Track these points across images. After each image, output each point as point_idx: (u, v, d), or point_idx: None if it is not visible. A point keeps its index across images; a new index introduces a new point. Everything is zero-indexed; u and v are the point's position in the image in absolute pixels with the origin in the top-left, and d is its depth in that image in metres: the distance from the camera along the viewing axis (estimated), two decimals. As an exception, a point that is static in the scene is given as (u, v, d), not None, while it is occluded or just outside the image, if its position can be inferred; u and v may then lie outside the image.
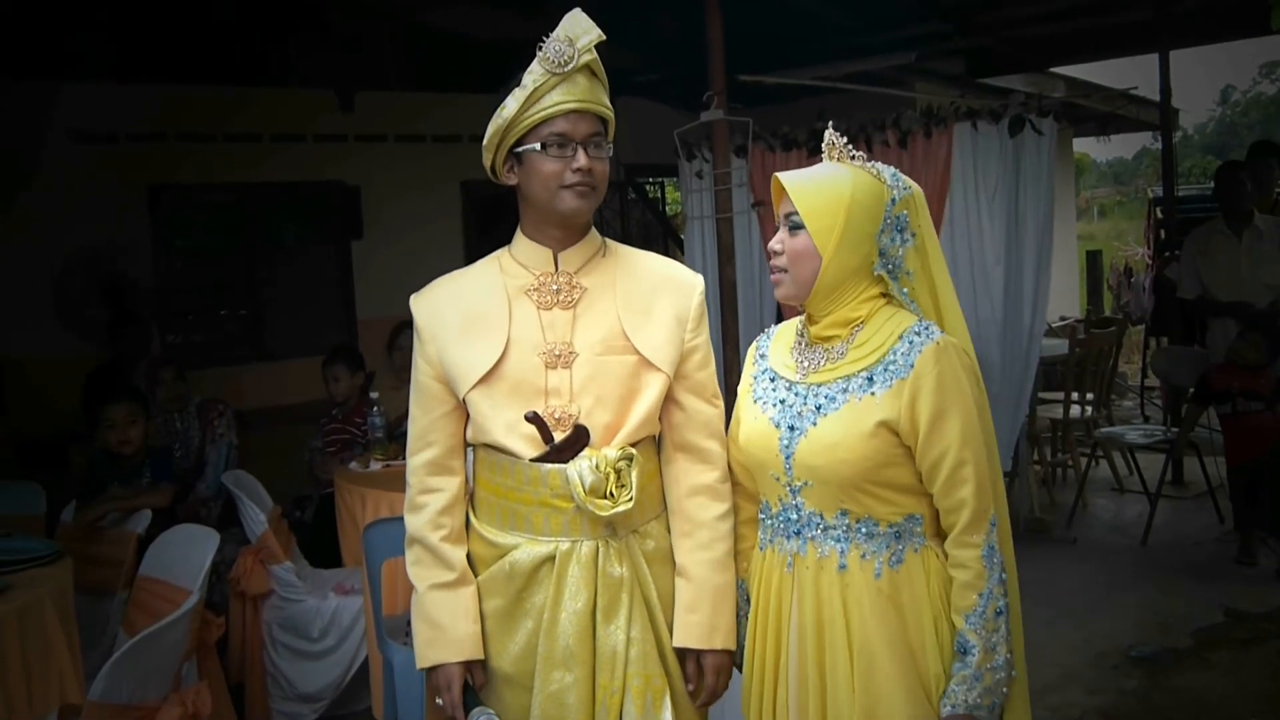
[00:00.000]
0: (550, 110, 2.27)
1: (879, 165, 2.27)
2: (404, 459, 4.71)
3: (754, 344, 2.45)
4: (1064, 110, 6.92)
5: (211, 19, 6.70)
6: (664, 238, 10.65)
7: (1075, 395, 7.45)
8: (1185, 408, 6.83)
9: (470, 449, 2.49)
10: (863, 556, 2.18)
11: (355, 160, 8.45)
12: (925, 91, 7.55)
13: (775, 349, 2.38)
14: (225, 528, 4.56)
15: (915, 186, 2.28)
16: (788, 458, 2.21)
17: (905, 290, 2.25)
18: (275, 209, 8.38)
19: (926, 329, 2.18)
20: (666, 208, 11.64)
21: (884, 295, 2.25)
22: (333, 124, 8.34)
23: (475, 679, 2.37)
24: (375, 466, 4.75)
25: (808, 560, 2.22)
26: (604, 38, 2.30)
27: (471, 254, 8.91)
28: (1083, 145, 21.08)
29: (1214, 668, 4.70)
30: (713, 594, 2.38)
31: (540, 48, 2.27)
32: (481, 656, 2.36)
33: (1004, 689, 2.14)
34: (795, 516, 2.24)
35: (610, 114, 2.36)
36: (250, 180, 8.07)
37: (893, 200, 2.22)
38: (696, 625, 2.36)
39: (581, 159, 2.28)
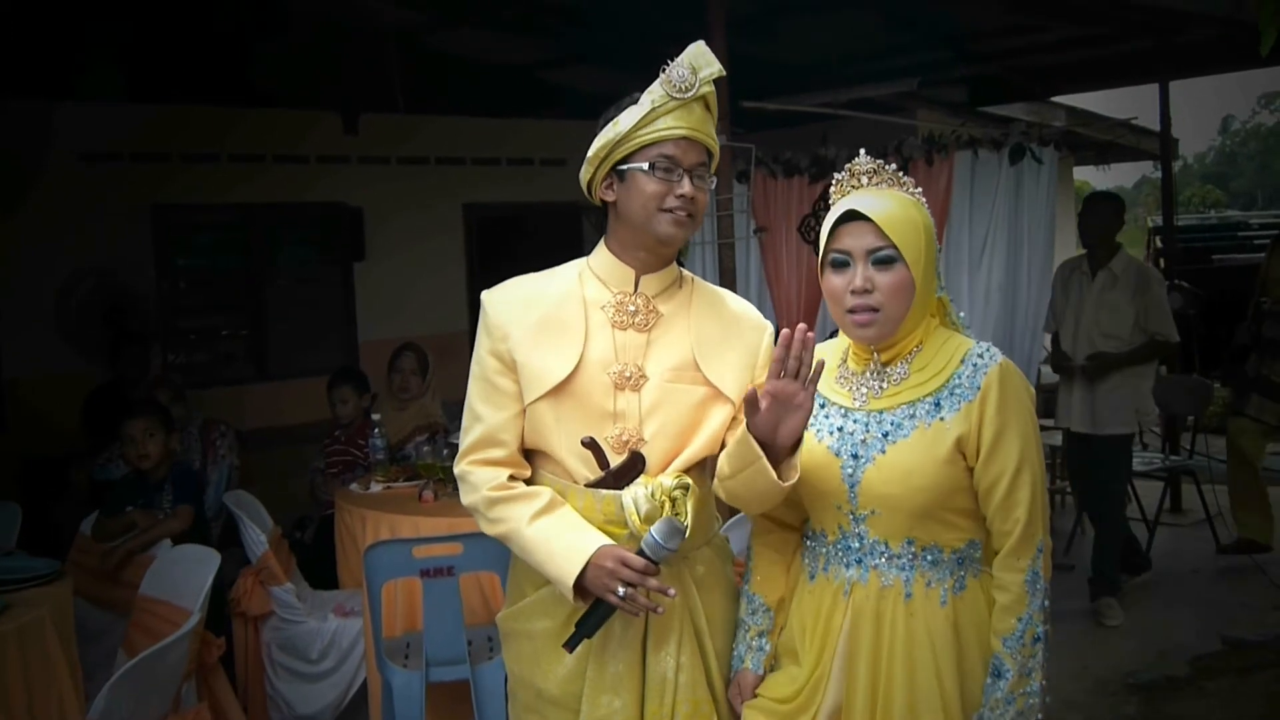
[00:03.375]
0: (664, 133, 2.25)
1: (906, 179, 2.26)
2: (404, 481, 4.77)
3: None
4: (1064, 139, 6.93)
5: (215, 40, 6.73)
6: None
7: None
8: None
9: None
10: (928, 584, 2.18)
11: (358, 181, 8.48)
12: (927, 119, 7.58)
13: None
14: (226, 548, 4.54)
15: None
16: (852, 486, 2.19)
17: (955, 305, 2.27)
18: (278, 229, 8.41)
19: (989, 350, 2.19)
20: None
21: (932, 316, 2.26)
22: (336, 145, 8.38)
23: None
24: (376, 488, 4.74)
25: (869, 589, 2.20)
26: (724, 73, 2.29)
27: (474, 276, 8.98)
28: (1083, 174, 21.13)
29: (1211, 696, 4.68)
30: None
31: (664, 69, 2.25)
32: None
33: (1037, 715, 2.14)
34: (858, 545, 2.22)
35: (716, 148, 2.35)
36: (253, 200, 8.09)
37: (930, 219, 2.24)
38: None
39: (686, 186, 2.26)
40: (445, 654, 3.85)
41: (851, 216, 2.17)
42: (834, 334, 2.45)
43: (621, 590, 2.12)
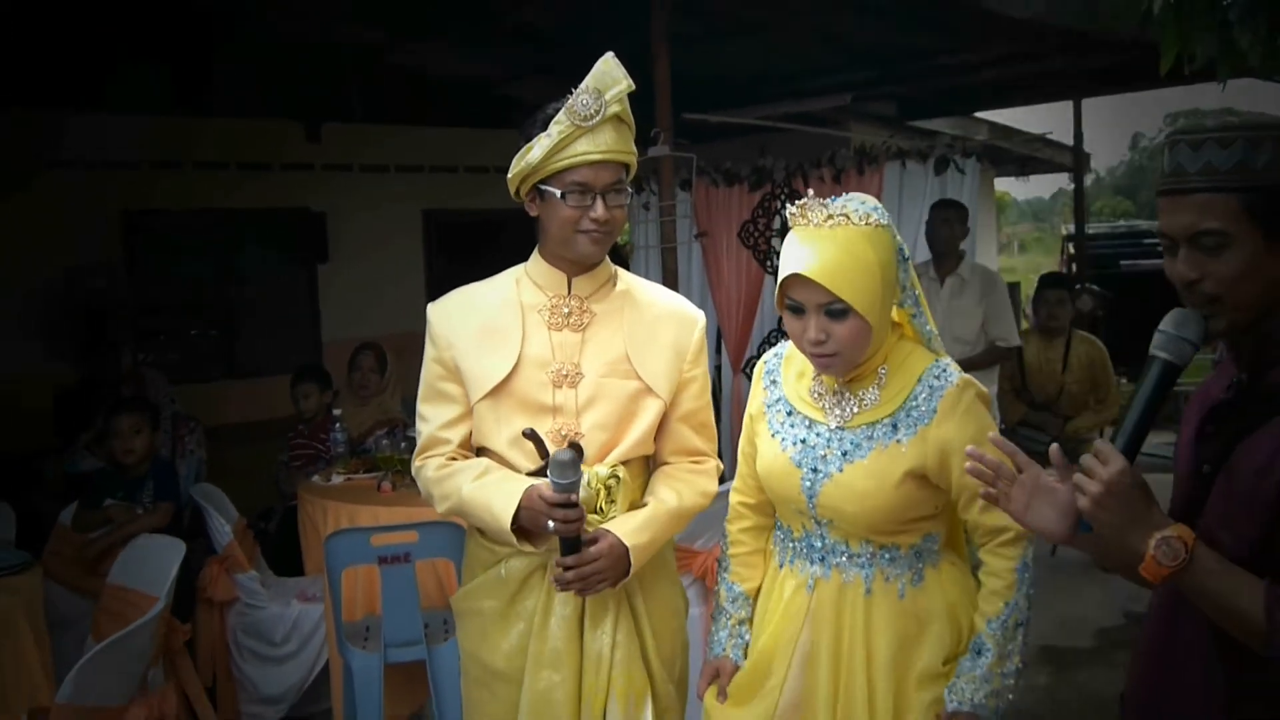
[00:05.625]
0: (573, 160, 2.24)
1: (860, 201, 2.09)
2: (364, 474, 4.74)
3: (762, 363, 2.37)
4: (986, 152, 6.99)
5: (182, 52, 6.65)
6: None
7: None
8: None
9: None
10: (886, 580, 2.18)
11: (321, 188, 8.42)
12: (859, 132, 7.61)
13: (789, 379, 2.28)
14: (193, 538, 4.49)
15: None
16: (810, 497, 2.17)
17: (922, 313, 2.21)
18: (245, 234, 8.30)
19: (944, 370, 2.14)
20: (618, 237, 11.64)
21: (894, 324, 2.21)
22: (300, 153, 8.32)
23: None
24: (337, 480, 4.70)
25: (831, 584, 2.20)
26: (633, 88, 2.25)
27: (433, 279, 8.92)
28: (1004, 185, 21.37)
29: (1117, 666, 4.72)
30: (660, 518, 2.34)
31: (570, 94, 2.22)
32: None
33: (1009, 695, 2.14)
34: (820, 544, 2.21)
35: (633, 160, 2.33)
36: (220, 206, 8.00)
37: (894, 235, 2.13)
38: (628, 521, 2.30)
39: (599, 209, 2.27)
40: (402, 636, 3.83)
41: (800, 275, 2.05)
42: (772, 333, 2.44)
43: (551, 524, 2.15)
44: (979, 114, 10.12)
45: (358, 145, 8.53)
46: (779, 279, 2.11)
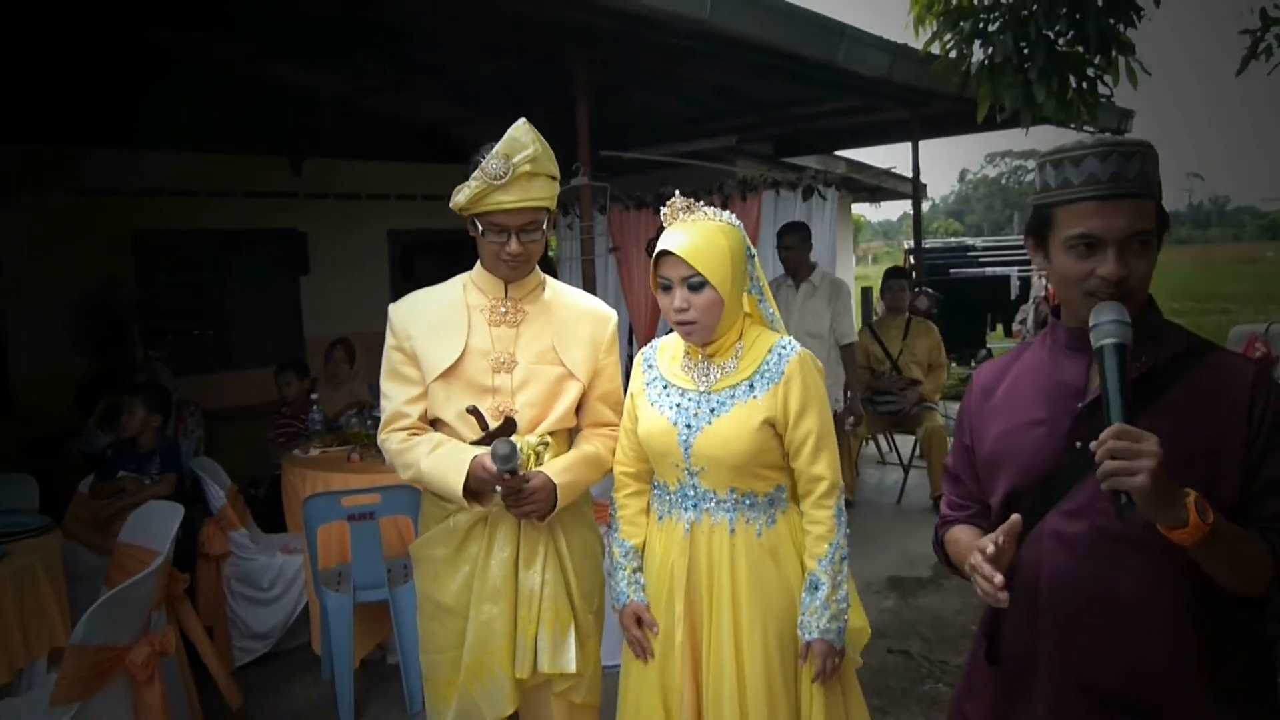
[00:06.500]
0: (490, 207, 2.24)
1: (715, 210, 2.21)
2: (337, 447, 4.64)
3: (640, 357, 2.40)
4: (844, 182, 7.06)
5: (186, 96, 6.46)
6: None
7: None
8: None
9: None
10: (746, 522, 2.19)
11: (303, 213, 8.26)
12: (743, 166, 7.63)
13: (663, 362, 2.32)
14: (193, 503, 4.36)
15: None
16: (686, 449, 2.18)
17: (766, 300, 2.27)
18: (239, 250, 8.09)
19: (790, 343, 2.20)
20: (549, 250, 11.60)
21: (746, 314, 2.25)
22: (286, 183, 8.15)
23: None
24: (314, 453, 4.60)
25: (703, 527, 2.21)
26: (538, 154, 2.21)
27: (396, 287, 8.78)
28: (859, 209, 21.59)
29: (948, 591, 4.82)
30: (579, 463, 2.35)
31: (482, 157, 2.20)
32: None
33: (845, 618, 2.17)
34: (693, 493, 2.22)
35: (547, 202, 2.29)
36: (219, 227, 7.81)
37: (744, 235, 2.22)
38: (556, 464, 2.31)
39: (513, 245, 2.28)
40: (369, 581, 3.78)
41: (669, 251, 2.14)
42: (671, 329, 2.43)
43: (499, 489, 2.19)
44: (838, 152, 10.22)
45: (334, 177, 8.39)
46: (652, 261, 2.19)
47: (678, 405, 2.22)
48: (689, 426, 2.18)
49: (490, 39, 5.66)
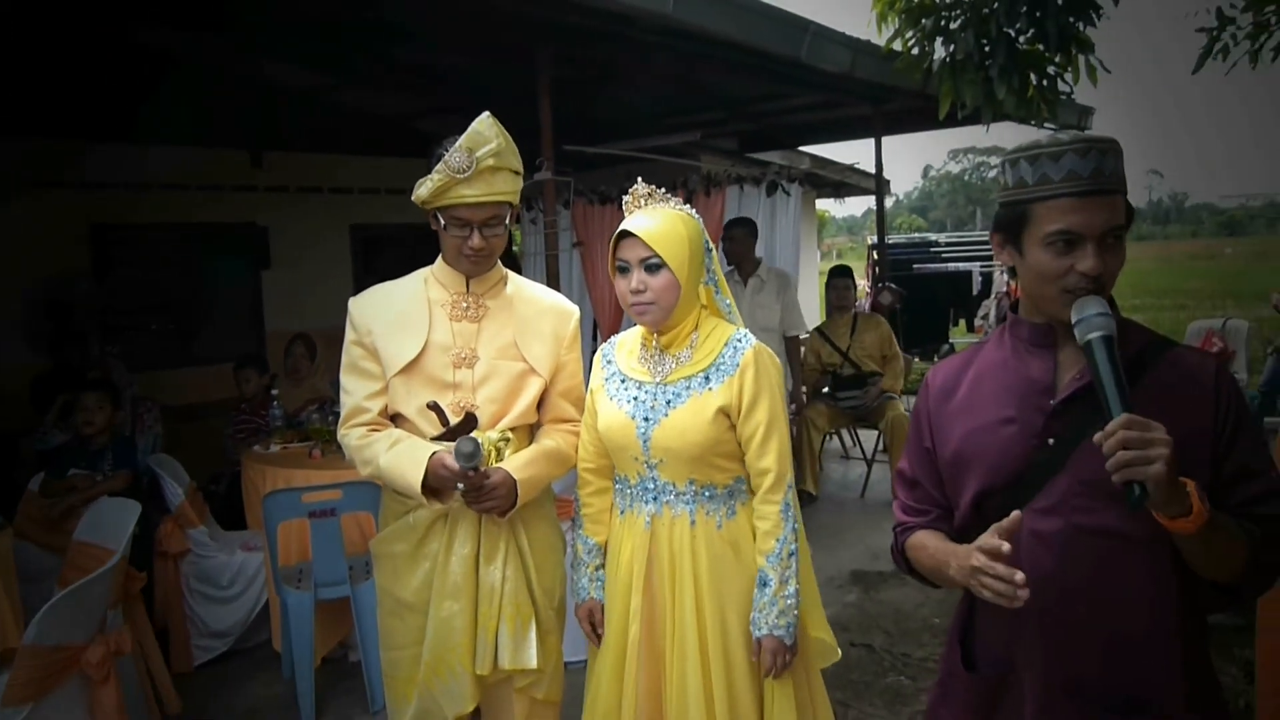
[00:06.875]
0: (452, 201, 2.22)
1: (676, 201, 2.25)
2: (298, 443, 4.60)
3: (599, 353, 2.40)
4: (807, 178, 7.10)
5: (144, 88, 6.36)
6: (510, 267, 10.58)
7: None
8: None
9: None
10: (706, 514, 2.20)
11: (264, 206, 8.13)
12: (707, 162, 7.64)
13: (621, 356, 2.32)
14: (151, 500, 4.31)
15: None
16: (645, 442, 2.18)
17: (722, 293, 2.28)
18: (200, 244, 7.96)
19: (745, 336, 2.21)
20: (513, 245, 11.55)
21: (703, 307, 2.26)
22: (246, 177, 8.03)
23: None
24: (274, 449, 4.56)
25: (664, 520, 2.21)
26: (502, 147, 2.21)
27: (358, 281, 8.68)
28: (824, 205, 21.73)
29: (910, 585, 4.84)
30: (540, 458, 2.34)
31: (445, 150, 2.18)
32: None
33: (794, 613, 2.16)
34: (652, 486, 2.22)
35: (509, 196, 2.28)
36: (179, 221, 7.68)
37: (702, 228, 2.24)
38: (517, 459, 2.30)
39: (475, 240, 2.27)
40: (330, 578, 3.75)
41: (628, 234, 2.16)
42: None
43: (460, 486, 2.17)
44: (802, 148, 10.25)
45: (295, 170, 8.27)
46: (611, 244, 2.20)
47: (635, 398, 2.23)
48: (646, 419, 2.19)
49: (454, 32, 5.62)
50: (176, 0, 5.39)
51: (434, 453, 2.19)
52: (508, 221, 2.33)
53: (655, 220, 2.16)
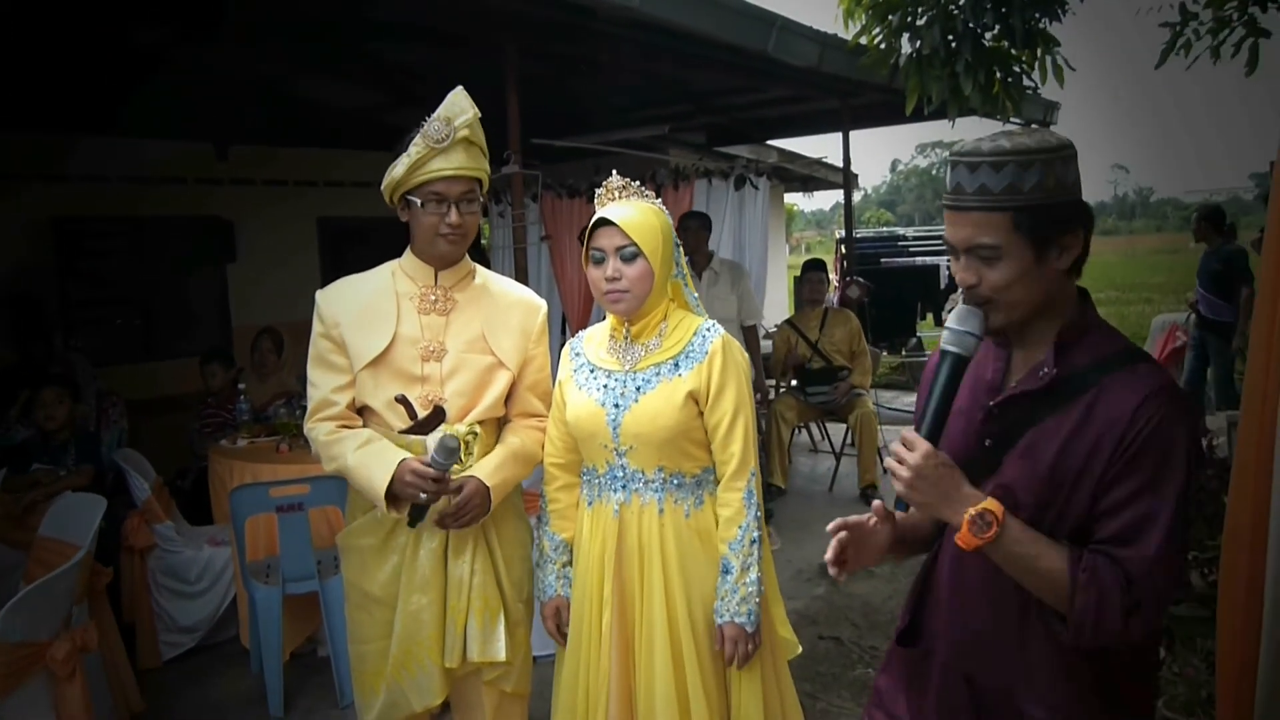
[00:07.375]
0: (430, 175, 2.23)
1: (648, 194, 2.28)
2: (265, 438, 4.58)
3: (568, 346, 2.42)
4: (775, 172, 7.14)
5: (106, 80, 6.29)
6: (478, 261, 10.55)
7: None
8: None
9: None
10: (675, 502, 2.21)
11: (230, 199, 8.06)
12: (675, 155, 7.67)
13: (589, 348, 2.34)
14: (116, 495, 4.27)
15: None
16: (615, 429, 2.20)
17: (689, 286, 2.31)
18: (164, 238, 7.88)
19: (714, 327, 2.26)
20: (481, 239, 11.52)
21: (671, 300, 2.29)
22: (211, 170, 7.95)
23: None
24: (241, 443, 4.54)
25: (633, 508, 2.22)
26: (479, 115, 2.24)
27: (325, 275, 8.62)
28: (792, 198, 21.85)
29: (878, 578, 4.91)
30: (509, 460, 2.35)
31: (424, 123, 2.20)
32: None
33: (756, 600, 2.18)
34: (621, 474, 2.23)
35: (484, 174, 2.31)
36: (142, 214, 7.60)
37: (671, 221, 2.27)
38: (486, 464, 2.32)
39: (453, 216, 2.27)
40: (298, 572, 3.75)
41: (604, 223, 2.18)
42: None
43: (424, 496, 2.15)
44: (770, 141, 10.27)
45: (261, 163, 8.20)
46: (586, 233, 2.23)
47: (605, 386, 2.25)
48: (617, 406, 2.21)
49: (421, 24, 5.59)
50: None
51: (404, 460, 2.19)
52: (479, 201, 2.34)
53: (632, 210, 2.19)
